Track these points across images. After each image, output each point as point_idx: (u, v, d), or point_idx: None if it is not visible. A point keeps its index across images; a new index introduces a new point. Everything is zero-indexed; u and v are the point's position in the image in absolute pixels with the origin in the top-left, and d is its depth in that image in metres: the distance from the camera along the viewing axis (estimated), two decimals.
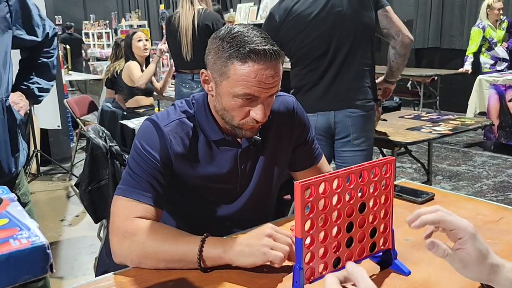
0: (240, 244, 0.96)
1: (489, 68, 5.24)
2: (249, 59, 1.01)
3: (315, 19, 1.99)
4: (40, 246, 0.48)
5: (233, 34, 1.04)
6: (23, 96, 1.60)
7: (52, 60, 1.69)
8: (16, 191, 1.54)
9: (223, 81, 1.06)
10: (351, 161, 2.04)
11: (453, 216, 0.78)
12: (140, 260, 1.01)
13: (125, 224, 1.04)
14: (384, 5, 2.07)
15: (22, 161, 1.51)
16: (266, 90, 1.05)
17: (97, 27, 12.31)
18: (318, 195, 0.82)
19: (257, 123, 1.10)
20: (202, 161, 1.16)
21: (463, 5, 6.59)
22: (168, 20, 3.21)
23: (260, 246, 0.94)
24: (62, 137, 4.70)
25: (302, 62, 2.08)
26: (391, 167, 0.92)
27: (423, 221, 0.80)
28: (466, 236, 0.75)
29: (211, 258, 0.97)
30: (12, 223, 0.52)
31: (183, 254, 0.98)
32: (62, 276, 2.55)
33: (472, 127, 2.63)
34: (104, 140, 2.08)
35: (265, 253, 0.93)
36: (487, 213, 1.26)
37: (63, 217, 3.39)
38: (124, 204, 1.07)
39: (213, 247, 0.98)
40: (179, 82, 3.29)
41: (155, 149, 1.11)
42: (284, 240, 0.95)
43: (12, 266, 0.46)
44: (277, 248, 0.93)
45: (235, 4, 9.32)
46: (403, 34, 2.05)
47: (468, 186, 3.82)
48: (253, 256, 0.94)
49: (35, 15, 1.55)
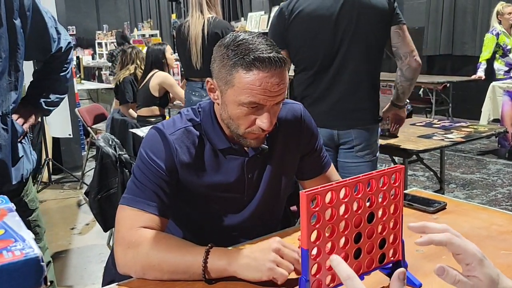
0: (246, 257, 0.94)
1: (503, 75, 5.18)
2: (254, 67, 1.00)
3: (324, 22, 1.93)
4: (34, 259, 0.47)
5: (237, 42, 1.03)
6: (31, 109, 1.60)
7: (65, 74, 1.68)
8: (24, 197, 1.54)
9: (228, 90, 1.04)
10: (355, 171, 1.99)
11: (461, 239, 0.75)
12: (144, 271, 0.99)
13: (129, 234, 1.03)
14: (400, 22, 1.99)
15: (29, 169, 1.51)
16: (272, 98, 1.03)
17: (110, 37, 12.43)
18: (325, 205, 0.79)
19: (263, 132, 1.08)
20: (208, 169, 1.15)
21: (475, 12, 6.53)
22: (178, 29, 3.23)
23: (267, 261, 0.92)
24: (74, 146, 4.73)
25: (307, 68, 2.02)
26: (400, 175, 0.89)
27: (430, 239, 0.77)
28: (475, 262, 0.72)
29: (215, 270, 0.95)
30: (7, 234, 0.51)
31: (187, 266, 0.97)
32: (71, 285, 2.54)
33: (485, 135, 2.59)
34: (114, 149, 2.08)
35: (271, 269, 0.91)
36: (502, 223, 1.22)
37: (74, 225, 3.39)
38: (129, 214, 1.06)
39: (217, 258, 0.96)
40: (188, 90, 3.30)
41: (161, 158, 1.09)
42: (291, 256, 0.93)
43: (5, 279, 0.45)
44: (283, 266, 0.91)
45: (246, 13, 9.35)
46: (411, 56, 1.98)
47: (482, 194, 3.76)
48: (258, 272, 0.92)
49: (50, 28, 1.54)
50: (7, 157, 1.39)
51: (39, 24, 1.49)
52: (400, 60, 2.00)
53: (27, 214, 1.56)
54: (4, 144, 1.36)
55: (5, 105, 1.36)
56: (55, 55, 1.62)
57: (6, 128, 1.37)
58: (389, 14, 1.96)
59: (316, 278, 0.81)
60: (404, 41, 1.99)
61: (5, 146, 1.37)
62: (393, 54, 2.03)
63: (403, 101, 2.15)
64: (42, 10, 1.50)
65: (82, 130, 4.88)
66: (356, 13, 1.92)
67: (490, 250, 1.06)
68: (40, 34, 1.51)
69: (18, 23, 1.39)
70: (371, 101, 2.02)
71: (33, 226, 1.58)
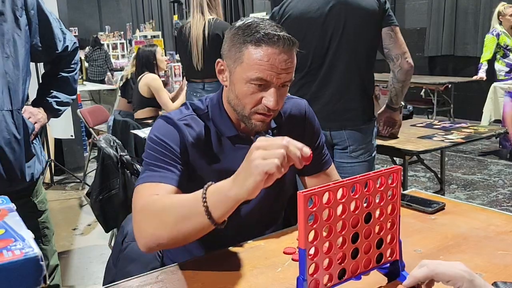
0: (237, 173, 0.86)
1: (504, 76, 5.17)
2: (263, 43, 1.04)
3: (313, 24, 1.94)
4: (33, 258, 0.48)
5: (248, 23, 1.08)
6: (42, 109, 1.62)
7: (72, 74, 1.70)
8: (34, 198, 1.56)
9: (237, 67, 1.08)
10: (351, 171, 1.98)
11: (444, 265, 0.76)
12: (154, 229, 0.95)
13: (142, 203, 1.01)
14: (392, 24, 1.98)
15: (39, 169, 1.53)
16: (279, 75, 1.05)
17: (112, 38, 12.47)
18: (322, 205, 0.80)
19: (268, 112, 1.09)
20: (215, 156, 1.16)
21: (476, 12, 6.53)
22: (179, 30, 3.25)
23: (252, 161, 0.82)
24: (76, 147, 4.74)
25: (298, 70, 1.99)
26: (398, 176, 0.90)
27: (415, 278, 0.78)
28: (465, 284, 0.73)
29: (217, 201, 0.88)
30: (7, 233, 0.52)
31: (190, 208, 0.91)
32: (72, 285, 2.55)
33: (485, 135, 2.59)
34: (115, 150, 2.09)
35: (257, 166, 0.81)
36: (500, 223, 1.23)
37: (76, 226, 3.41)
38: (143, 188, 1.04)
39: (215, 190, 0.90)
40: (190, 91, 3.31)
41: (171, 139, 1.10)
42: (275, 145, 0.82)
43: (4, 278, 0.46)
44: (269, 156, 0.81)
45: (248, 14, 9.37)
46: (403, 58, 1.97)
47: (483, 195, 3.76)
48: (250, 177, 0.82)
49: (55, 28, 1.57)
50: (22, 153, 1.42)
51: (44, 23, 1.52)
52: (392, 62, 2.00)
53: (37, 215, 1.57)
54: (18, 139, 1.39)
55: (15, 101, 1.39)
56: (62, 55, 1.64)
57: (19, 124, 1.40)
58: (379, 16, 1.96)
59: (313, 277, 0.81)
60: (396, 43, 1.98)
61: (19, 142, 1.40)
62: (385, 56, 2.03)
63: (396, 103, 2.15)
64: (46, 10, 1.53)
65: (84, 131, 4.90)
66: (344, 15, 1.93)
67: (487, 251, 1.07)
68: (45, 32, 1.54)
69: (24, 20, 1.42)
70: (361, 102, 2.01)
71: (42, 228, 1.59)
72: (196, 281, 0.98)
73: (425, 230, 1.20)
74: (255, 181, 0.82)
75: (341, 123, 2.00)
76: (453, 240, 1.13)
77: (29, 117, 1.53)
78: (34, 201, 1.56)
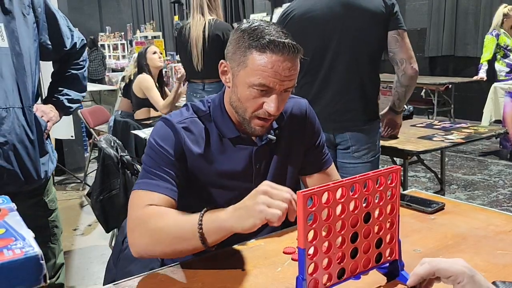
0: (238, 208, 0.92)
1: (504, 76, 5.17)
2: (268, 50, 1.04)
3: (314, 24, 1.94)
4: (33, 257, 0.48)
5: (254, 27, 1.08)
6: (54, 108, 1.62)
7: (82, 71, 1.72)
8: (45, 197, 1.57)
9: (241, 71, 1.08)
10: (353, 172, 1.97)
11: (446, 261, 0.76)
12: (150, 246, 1.01)
13: (137, 213, 1.05)
14: (400, 28, 1.95)
15: (51, 168, 1.54)
16: (282, 82, 1.06)
17: (113, 38, 12.48)
18: (321, 205, 0.80)
19: (269, 117, 1.10)
20: (216, 157, 1.17)
21: (477, 13, 6.53)
22: (180, 31, 3.25)
23: (256, 205, 0.88)
24: (76, 147, 4.75)
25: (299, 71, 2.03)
26: (397, 176, 0.90)
27: (417, 275, 0.78)
28: (465, 279, 0.74)
29: (212, 229, 0.94)
30: (8, 233, 0.52)
31: (185, 232, 0.97)
32: (73, 285, 2.56)
33: (485, 136, 2.59)
34: (116, 150, 2.10)
35: (261, 211, 0.87)
36: (499, 223, 1.23)
37: (76, 226, 3.41)
38: (139, 195, 1.07)
39: (212, 218, 0.95)
40: (190, 92, 3.31)
41: (169, 144, 1.11)
42: (280, 196, 0.88)
43: (5, 276, 0.46)
44: (274, 206, 0.87)
45: (248, 15, 9.38)
46: (408, 63, 1.95)
47: (484, 195, 3.76)
48: (250, 218, 0.89)
49: (63, 26, 1.59)
50: (37, 152, 1.43)
51: (51, 21, 1.53)
52: (396, 66, 1.99)
53: (47, 214, 1.58)
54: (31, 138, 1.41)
55: (26, 98, 1.40)
56: (70, 53, 1.65)
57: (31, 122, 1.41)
58: (385, 18, 1.94)
59: (312, 277, 0.82)
60: (402, 48, 1.96)
61: (33, 141, 1.41)
62: (390, 59, 2.01)
63: (399, 107, 2.14)
64: (53, 8, 1.54)
65: (84, 132, 4.90)
66: (346, 15, 1.92)
67: (487, 250, 1.07)
68: (53, 29, 1.55)
69: (31, 18, 1.42)
70: (361, 102, 2.00)
71: (51, 227, 1.60)
72: (196, 281, 0.98)
73: (425, 230, 1.21)
74: (254, 223, 0.89)
75: (342, 124, 2.00)
76: (453, 240, 1.13)
77: (41, 116, 1.53)
78: (46, 200, 1.57)
